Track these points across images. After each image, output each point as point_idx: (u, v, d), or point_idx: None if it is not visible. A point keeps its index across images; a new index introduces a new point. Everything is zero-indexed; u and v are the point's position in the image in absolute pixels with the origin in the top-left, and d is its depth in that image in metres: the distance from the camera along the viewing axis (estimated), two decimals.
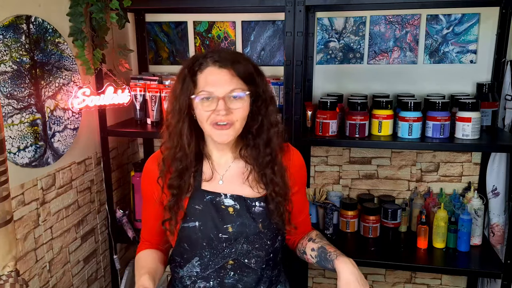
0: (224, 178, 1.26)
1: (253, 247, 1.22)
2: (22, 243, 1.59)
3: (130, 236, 2.09)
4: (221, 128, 1.15)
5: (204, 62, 1.16)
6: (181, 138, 1.20)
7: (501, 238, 2.03)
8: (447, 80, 2.08)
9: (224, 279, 1.24)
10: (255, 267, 1.24)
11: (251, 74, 1.18)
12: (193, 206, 1.22)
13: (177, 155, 1.21)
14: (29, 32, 1.57)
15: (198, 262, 1.24)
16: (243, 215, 1.22)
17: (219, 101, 1.13)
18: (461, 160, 2.15)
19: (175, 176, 1.22)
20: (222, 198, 1.23)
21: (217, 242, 1.21)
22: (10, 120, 1.50)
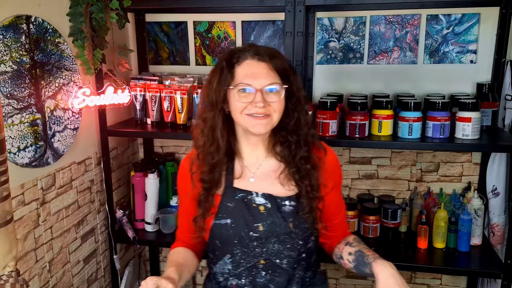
0: (256, 176, 1.27)
1: (285, 247, 1.22)
2: (22, 243, 1.59)
3: (130, 236, 2.09)
4: (257, 118, 1.16)
5: (242, 55, 1.18)
6: (215, 132, 1.22)
7: (501, 238, 2.03)
8: (447, 80, 2.08)
9: (255, 278, 1.23)
10: (287, 267, 1.23)
11: (286, 70, 1.20)
12: (225, 203, 1.24)
13: (210, 149, 1.22)
14: (29, 32, 1.57)
15: (230, 260, 1.24)
16: (273, 214, 1.21)
17: (256, 93, 1.14)
18: (461, 160, 2.15)
19: (206, 170, 1.24)
20: (254, 197, 1.23)
21: (248, 240, 1.21)
22: (10, 120, 1.50)
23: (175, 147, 2.43)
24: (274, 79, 1.16)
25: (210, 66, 2.30)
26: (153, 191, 2.14)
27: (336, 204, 1.33)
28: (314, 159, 1.24)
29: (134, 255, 2.44)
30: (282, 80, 1.18)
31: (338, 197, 1.34)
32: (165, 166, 2.30)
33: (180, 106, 1.99)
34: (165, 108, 2.03)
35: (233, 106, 1.18)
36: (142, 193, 2.15)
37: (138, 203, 2.18)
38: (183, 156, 2.41)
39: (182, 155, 2.43)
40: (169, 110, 2.03)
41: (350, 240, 1.31)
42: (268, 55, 1.18)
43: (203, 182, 1.24)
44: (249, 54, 1.18)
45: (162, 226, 2.17)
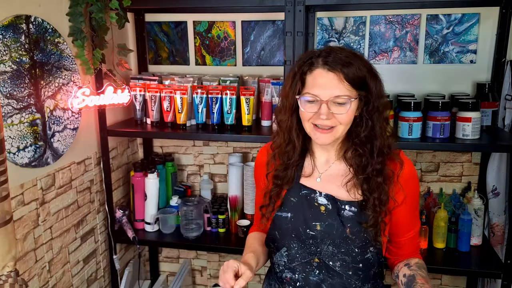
0: (323, 177, 1.26)
1: (339, 251, 1.20)
2: (22, 243, 1.59)
3: (130, 236, 2.09)
4: (321, 131, 1.16)
5: (315, 62, 1.14)
6: (290, 133, 1.23)
7: (501, 238, 2.02)
8: (447, 80, 2.08)
9: (309, 275, 1.23)
10: (340, 271, 1.21)
11: (361, 78, 1.13)
12: (289, 197, 1.25)
13: (286, 149, 1.24)
14: (29, 32, 1.57)
15: (286, 253, 1.25)
16: (333, 216, 1.21)
17: (321, 105, 1.12)
18: (461, 160, 2.15)
19: (281, 168, 1.25)
20: (317, 196, 1.24)
21: (304, 237, 1.22)
22: (10, 120, 1.50)
23: (175, 147, 2.43)
24: (342, 91, 1.11)
25: (210, 66, 2.30)
26: (153, 191, 2.14)
27: (405, 221, 1.27)
28: (387, 171, 1.19)
29: (134, 255, 2.43)
30: (356, 89, 1.13)
31: (409, 214, 1.27)
32: (165, 166, 2.30)
33: (180, 106, 1.98)
34: (165, 108, 2.03)
35: (301, 114, 1.18)
36: (142, 193, 2.15)
37: (138, 203, 2.18)
38: (183, 156, 2.43)
39: (182, 155, 2.43)
40: (168, 110, 2.03)
41: (411, 263, 1.27)
42: (341, 63, 1.11)
43: (276, 179, 1.26)
44: (321, 62, 1.13)
45: (162, 226, 2.17)
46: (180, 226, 2.15)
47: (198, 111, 2.01)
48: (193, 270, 2.57)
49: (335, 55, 1.13)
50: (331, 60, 1.12)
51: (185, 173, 2.45)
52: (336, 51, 1.15)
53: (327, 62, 1.12)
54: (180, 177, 2.44)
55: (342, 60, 1.12)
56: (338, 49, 1.16)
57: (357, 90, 1.13)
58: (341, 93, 1.12)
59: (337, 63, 1.11)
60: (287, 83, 1.21)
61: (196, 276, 2.57)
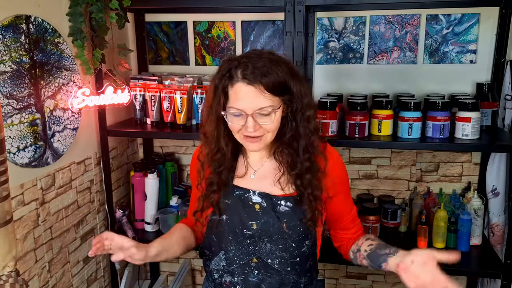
0: (257, 174, 1.28)
1: (277, 248, 1.22)
2: (22, 243, 1.59)
3: (130, 236, 2.09)
4: (251, 140, 1.18)
5: (235, 75, 1.13)
6: (219, 142, 1.23)
7: (501, 238, 2.02)
8: (447, 80, 2.08)
9: (248, 276, 1.25)
10: (279, 268, 1.23)
11: (282, 83, 1.14)
12: (223, 200, 1.26)
13: (215, 157, 1.24)
14: (29, 32, 1.57)
15: (224, 256, 1.26)
16: (268, 213, 1.23)
17: (248, 118, 1.13)
18: (461, 160, 2.15)
19: (214, 175, 1.25)
20: (251, 195, 1.25)
21: (242, 237, 1.23)
22: (10, 120, 1.50)
23: (175, 147, 2.43)
24: (264, 102, 1.12)
25: (210, 66, 2.30)
26: (153, 191, 2.14)
27: (340, 209, 1.32)
28: (315, 166, 1.23)
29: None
30: (279, 95, 1.14)
31: (343, 201, 1.32)
32: (165, 166, 2.30)
33: (180, 106, 1.99)
34: (165, 108, 2.03)
35: (230, 126, 1.19)
36: (142, 193, 2.15)
37: (137, 203, 2.18)
38: (183, 156, 2.43)
39: (182, 155, 2.43)
40: (168, 110, 2.03)
41: (372, 237, 1.32)
42: (259, 75, 1.11)
43: (211, 186, 1.25)
44: (240, 75, 1.12)
45: (162, 226, 2.17)
46: None
47: (198, 111, 2.01)
48: (193, 270, 2.57)
49: (252, 65, 1.12)
50: (249, 72, 1.11)
51: (185, 173, 2.45)
52: (253, 60, 1.13)
53: (245, 75, 1.12)
54: (180, 177, 2.44)
55: (260, 70, 1.11)
56: (255, 57, 1.15)
57: (279, 96, 1.15)
58: (264, 104, 1.13)
59: (255, 75, 1.11)
60: (209, 96, 1.21)
61: (196, 276, 2.57)
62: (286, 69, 1.16)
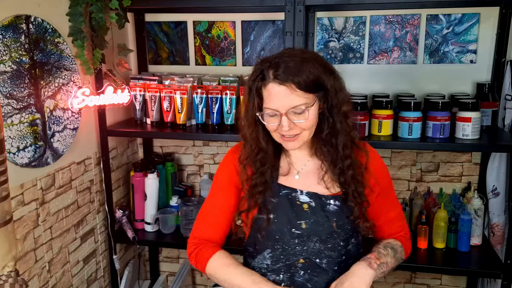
0: (301, 174, 1.27)
1: (326, 247, 1.22)
2: (22, 243, 1.59)
3: (130, 236, 2.09)
4: (287, 139, 1.18)
5: (267, 76, 1.14)
6: (259, 142, 1.23)
7: (501, 238, 2.02)
8: (447, 80, 2.08)
9: (294, 276, 1.24)
10: (326, 267, 1.23)
11: (315, 81, 1.14)
12: (269, 198, 1.24)
13: (256, 158, 1.24)
14: (29, 32, 1.57)
15: (270, 255, 1.25)
16: (317, 213, 1.22)
17: (282, 117, 1.14)
18: (461, 160, 2.15)
19: (257, 176, 1.24)
20: (298, 194, 1.24)
21: (289, 237, 1.22)
22: (10, 120, 1.50)
23: (175, 147, 2.43)
24: (298, 100, 1.12)
25: (210, 66, 2.30)
26: (153, 191, 2.14)
27: (382, 206, 1.30)
28: (356, 162, 1.23)
29: (133, 255, 2.43)
30: (312, 93, 1.14)
31: (386, 198, 1.31)
32: (165, 166, 2.30)
33: (180, 106, 1.98)
34: (165, 108, 2.03)
35: (267, 126, 1.20)
36: (142, 193, 2.15)
37: (137, 203, 2.18)
38: (183, 156, 2.43)
39: (182, 155, 2.43)
40: (168, 110, 2.03)
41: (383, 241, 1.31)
42: (291, 74, 1.11)
43: (255, 187, 1.24)
44: (272, 75, 1.13)
45: (162, 226, 2.17)
46: (180, 226, 2.15)
47: (198, 111, 2.01)
48: (193, 270, 2.56)
49: (284, 65, 1.12)
50: (281, 72, 1.12)
51: (185, 173, 2.45)
52: (285, 60, 1.14)
53: (277, 75, 1.12)
54: (180, 177, 2.44)
55: (291, 69, 1.12)
56: (287, 57, 1.15)
57: (313, 93, 1.14)
58: (297, 103, 1.13)
59: (287, 75, 1.12)
60: (245, 98, 1.22)
61: (196, 276, 2.57)
62: (318, 66, 1.15)
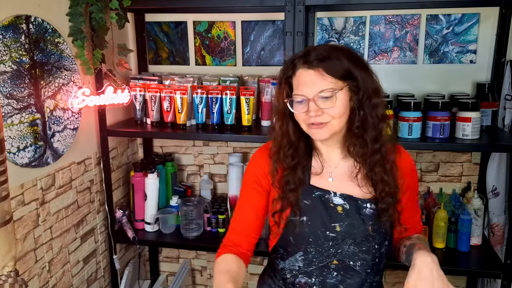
0: (334, 175, 1.24)
1: (360, 250, 1.20)
2: (22, 243, 1.59)
3: (130, 236, 2.09)
4: (316, 127, 1.15)
5: (297, 64, 1.16)
6: (289, 137, 1.22)
7: (501, 238, 2.02)
8: (447, 80, 2.08)
9: (326, 278, 1.22)
10: (360, 270, 1.21)
11: (345, 68, 1.13)
12: (302, 200, 1.22)
13: (287, 153, 1.22)
14: (29, 32, 1.57)
15: (302, 257, 1.23)
16: (352, 215, 1.20)
17: (309, 103, 1.13)
18: (461, 160, 2.15)
19: (288, 172, 1.22)
20: (331, 196, 1.21)
21: (323, 239, 1.19)
22: (10, 120, 1.50)
23: (175, 147, 2.43)
24: (325, 85, 1.12)
25: (210, 66, 2.30)
26: (153, 191, 2.14)
27: (409, 208, 1.28)
28: (388, 160, 1.20)
29: (134, 255, 2.43)
30: (342, 80, 1.13)
31: (412, 203, 1.30)
32: (165, 166, 2.30)
33: (180, 106, 1.98)
34: (165, 108, 2.03)
35: (296, 116, 1.19)
36: (142, 193, 2.15)
37: (137, 203, 2.18)
38: (183, 156, 2.43)
39: (182, 155, 2.43)
40: (168, 110, 2.03)
41: (412, 236, 1.30)
42: (320, 59, 1.12)
43: (287, 184, 1.21)
44: (301, 62, 1.15)
45: (162, 226, 2.17)
46: (180, 226, 2.15)
47: (198, 111, 2.01)
48: (193, 270, 2.57)
49: (314, 52, 1.15)
50: (311, 58, 1.14)
51: (185, 173, 2.45)
52: (316, 48, 1.17)
53: (307, 61, 1.14)
54: (180, 177, 2.44)
55: (321, 55, 1.13)
56: (318, 47, 1.18)
57: (343, 81, 1.13)
58: (324, 87, 1.12)
59: (316, 60, 1.13)
60: (277, 90, 1.22)
61: (196, 276, 2.57)
62: (348, 55, 1.16)
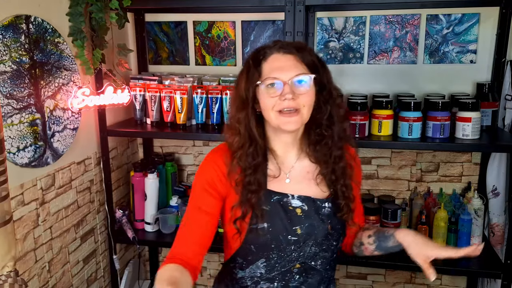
0: (291, 177, 1.23)
1: (321, 249, 1.20)
2: (22, 243, 1.59)
3: (130, 236, 2.09)
4: (288, 115, 1.12)
5: (269, 51, 1.16)
6: (251, 132, 1.17)
7: (501, 238, 2.02)
8: (447, 80, 2.08)
9: (289, 282, 1.21)
10: (321, 268, 1.22)
11: (315, 63, 1.16)
12: (260, 206, 1.17)
13: (249, 150, 1.17)
14: (29, 32, 1.57)
15: (264, 264, 1.20)
16: (311, 216, 1.19)
17: (284, 86, 1.11)
18: (461, 160, 2.15)
19: (250, 172, 1.16)
20: (290, 199, 1.19)
21: (285, 244, 1.18)
22: (10, 120, 1.50)
23: (175, 147, 2.43)
24: (301, 70, 1.13)
25: (210, 66, 2.30)
26: (153, 191, 2.14)
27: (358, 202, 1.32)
28: (346, 156, 1.22)
29: (133, 255, 2.43)
30: (312, 72, 1.15)
31: (359, 195, 1.34)
32: (165, 166, 2.30)
33: (180, 106, 1.98)
34: (165, 108, 2.03)
35: (263, 104, 1.15)
36: (142, 193, 2.15)
37: (137, 203, 2.18)
38: (183, 156, 2.42)
39: (182, 155, 2.43)
40: (168, 110, 2.03)
41: (366, 226, 1.33)
42: (295, 48, 1.16)
43: (249, 184, 1.16)
44: (275, 48, 1.16)
45: (162, 226, 2.17)
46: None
47: (198, 111, 2.01)
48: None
49: (286, 42, 1.19)
50: (285, 45, 1.17)
51: (185, 173, 2.45)
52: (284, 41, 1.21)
53: (282, 46, 1.16)
54: (180, 177, 2.44)
55: (295, 45, 1.18)
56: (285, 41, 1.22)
57: (312, 73, 1.15)
58: (301, 71, 1.13)
59: (292, 47, 1.16)
60: (241, 79, 1.19)
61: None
62: (314, 54, 1.20)
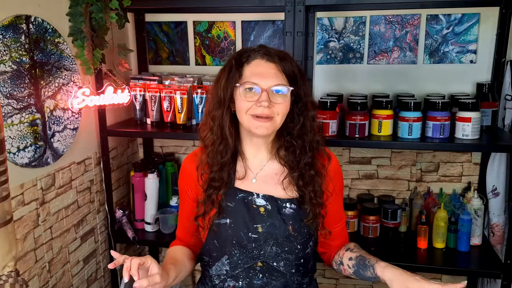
0: (258, 177, 1.26)
1: (282, 250, 1.21)
2: (22, 243, 1.59)
3: (130, 236, 2.09)
4: (261, 120, 1.16)
5: (252, 55, 1.19)
6: (223, 130, 1.21)
7: (501, 238, 2.03)
8: (447, 80, 2.08)
9: (253, 279, 1.23)
10: (284, 270, 1.23)
11: (295, 74, 1.20)
12: (226, 203, 1.23)
13: (219, 148, 1.22)
14: (29, 32, 1.57)
15: (228, 261, 1.24)
16: (273, 216, 1.21)
17: (262, 93, 1.14)
18: (461, 160, 2.15)
19: (216, 169, 1.22)
20: (254, 198, 1.23)
21: (246, 241, 1.21)
22: (10, 120, 1.50)
23: (175, 147, 2.43)
24: (281, 80, 1.17)
25: (210, 66, 2.30)
26: (153, 191, 2.14)
27: (336, 212, 1.33)
28: (318, 165, 1.25)
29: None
30: (289, 83, 1.18)
31: (338, 205, 1.34)
32: (165, 166, 2.30)
33: (180, 106, 1.98)
34: (165, 108, 2.03)
35: (239, 106, 1.18)
36: (142, 193, 2.15)
37: (137, 203, 2.18)
38: (183, 156, 2.42)
39: (182, 155, 2.43)
40: (168, 110, 2.03)
41: (351, 247, 1.33)
42: (278, 56, 1.18)
43: (213, 181, 1.23)
44: (259, 54, 1.18)
45: (162, 226, 2.17)
46: None
47: (198, 111, 2.01)
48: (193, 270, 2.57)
49: (271, 49, 1.21)
50: (270, 52, 1.18)
51: None
52: (269, 47, 1.22)
53: (266, 53, 1.18)
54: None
55: (279, 54, 1.20)
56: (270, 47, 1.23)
57: (290, 84, 1.18)
58: (280, 82, 1.16)
59: (276, 55, 1.18)
60: (222, 77, 1.21)
61: (196, 276, 2.57)
62: (297, 64, 1.23)
